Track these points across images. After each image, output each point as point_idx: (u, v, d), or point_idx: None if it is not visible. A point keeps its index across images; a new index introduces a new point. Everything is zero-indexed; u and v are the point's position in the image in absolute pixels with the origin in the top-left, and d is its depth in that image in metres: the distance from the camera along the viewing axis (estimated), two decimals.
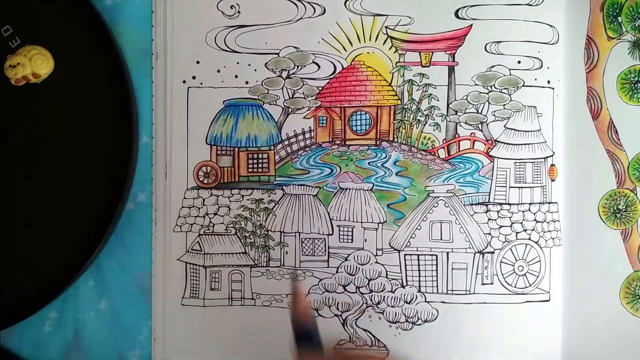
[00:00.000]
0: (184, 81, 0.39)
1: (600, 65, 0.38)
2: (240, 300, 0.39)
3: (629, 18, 0.38)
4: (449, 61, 0.39)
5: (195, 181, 0.39)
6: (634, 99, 0.38)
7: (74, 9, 0.37)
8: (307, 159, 0.39)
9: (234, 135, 0.39)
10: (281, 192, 0.39)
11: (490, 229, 0.39)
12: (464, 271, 0.38)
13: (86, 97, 0.38)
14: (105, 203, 0.38)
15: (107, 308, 0.39)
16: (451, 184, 0.39)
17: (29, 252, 0.38)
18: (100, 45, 0.38)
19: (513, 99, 0.39)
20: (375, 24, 0.39)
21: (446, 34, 0.38)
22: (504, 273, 0.39)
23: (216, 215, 0.39)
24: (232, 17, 0.39)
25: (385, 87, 0.39)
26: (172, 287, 0.39)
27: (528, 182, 0.39)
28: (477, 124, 0.39)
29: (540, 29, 0.39)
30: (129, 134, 0.38)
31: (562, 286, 0.39)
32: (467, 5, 0.38)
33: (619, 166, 0.38)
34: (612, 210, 0.38)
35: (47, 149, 0.38)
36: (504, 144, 0.39)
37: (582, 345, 0.38)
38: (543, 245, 0.39)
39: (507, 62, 0.39)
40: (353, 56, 0.39)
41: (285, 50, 0.39)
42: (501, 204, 0.39)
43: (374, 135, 0.39)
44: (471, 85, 0.39)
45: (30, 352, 0.39)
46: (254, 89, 0.39)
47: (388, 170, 0.39)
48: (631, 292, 0.38)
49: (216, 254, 0.39)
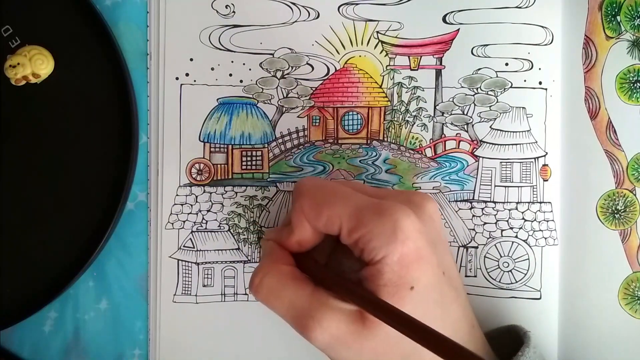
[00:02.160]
0: (176, 78, 0.39)
1: (599, 64, 0.38)
2: (233, 296, 0.39)
3: (628, 17, 0.38)
4: (436, 65, 0.40)
5: (188, 178, 0.39)
6: (632, 99, 0.38)
7: (74, 9, 0.38)
8: (301, 156, 0.40)
9: (228, 133, 0.39)
10: (275, 189, 0.39)
11: (475, 225, 0.39)
12: None
13: (86, 97, 0.38)
14: (105, 203, 0.38)
15: (107, 308, 0.39)
16: (437, 181, 0.40)
17: (29, 252, 0.38)
18: (100, 45, 0.38)
19: (500, 101, 0.39)
20: (367, 28, 0.40)
21: (434, 38, 0.39)
22: (488, 268, 0.39)
23: (209, 212, 0.39)
24: (226, 16, 0.39)
25: (376, 89, 0.40)
26: (164, 285, 0.39)
27: (515, 182, 0.39)
28: (462, 124, 0.40)
29: (530, 31, 0.39)
30: (129, 134, 0.38)
31: (558, 286, 0.39)
32: (455, 10, 0.39)
33: (618, 166, 0.38)
34: (610, 210, 0.38)
35: (47, 149, 0.38)
36: (489, 144, 0.40)
37: (580, 346, 0.38)
38: (533, 244, 0.39)
39: (494, 65, 0.39)
40: (346, 59, 0.40)
41: (280, 51, 0.39)
42: (486, 201, 0.39)
43: (365, 135, 0.40)
44: (457, 88, 0.39)
45: (30, 352, 0.39)
46: (248, 88, 0.39)
47: (378, 167, 0.40)
48: (630, 293, 0.38)
49: (209, 251, 0.39)
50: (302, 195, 0.30)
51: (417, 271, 0.27)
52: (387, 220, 0.27)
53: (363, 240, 0.28)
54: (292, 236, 0.31)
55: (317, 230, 0.30)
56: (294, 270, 0.31)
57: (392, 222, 0.27)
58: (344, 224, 0.29)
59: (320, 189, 0.30)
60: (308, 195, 0.30)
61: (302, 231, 0.30)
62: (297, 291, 0.29)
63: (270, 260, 0.31)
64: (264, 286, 0.30)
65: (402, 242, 0.27)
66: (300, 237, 0.31)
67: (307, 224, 0.30)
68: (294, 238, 0.31)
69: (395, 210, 0.28)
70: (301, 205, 0.30)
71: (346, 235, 0.29)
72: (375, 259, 0.28)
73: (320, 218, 0.29)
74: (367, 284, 0.28)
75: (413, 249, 0.27)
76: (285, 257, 0.31)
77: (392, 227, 0.27)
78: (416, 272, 0.27)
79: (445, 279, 0.30)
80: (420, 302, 0.28)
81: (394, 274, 0.27)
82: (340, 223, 0.29)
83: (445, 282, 0.29)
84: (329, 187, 0.31)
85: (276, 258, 0.31)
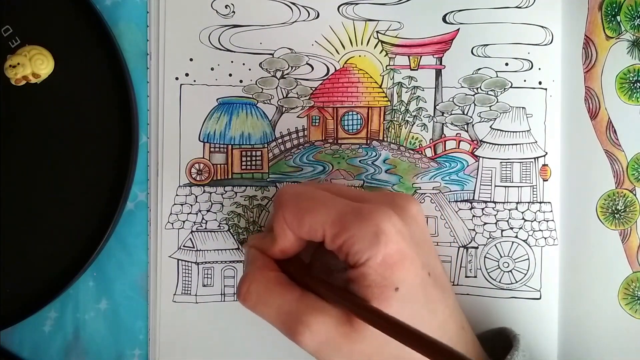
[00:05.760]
0: (176, 78, 0.39)
1: (599, 64, 0.38)
2: (233, 296, 0.39)
3: (628, 17, 0.38)
4: (436, 64, 0.40)
5: (188, 178, 0.39)
6: (632, 99, 0.38)
7: (74, 9, 0.38)
8: (301, 156, 0.40)
9: (228, 133, 0.39)
10: (275, 189, 0.39)
11: (475, 225, 0.39)
12: (448, 264, 0.39)
13: (86, 97, 0.38)
14: (105, 203, 0.38)
15: (107, 308, 0.39)
16: (437, 181, 0.40)
17: (29, 252, 0.38)
18: (100, 45, 0.38)
19: (500, 101, 0.39)
20: (367, 28, 0.40)
21: (434, 38, 0.39)
22: (488, 268, 0.39)
23: (209, 212, 0.39)
24: (226, 16, 0.39)
25: (376, 89, 0.40)
26: (164, 285, 0.39)
27: (515, 182, 0.39)
28: (462, 124, 0.40)
29: (530, 31, 0.39)
30: (129, 134, 0.38)
31: (558, 286, 0.39)
32: (454, 10, 0.39)
33: (618, 166, 0.38)
34: (610, 210, 0.38)
35: (47, 149, 0.38)
36: (489, 144, 0.39)
37: (579, 346, 0.38)
38: (533, 244, 0.39)
39: (494, 65, 0.39)
40: (345, 59, 0.40)
41: (280, 51, 0.39)
42: (486, 201, 0.39)
43: (364, 135, 0.40)
44: (457, 88, 0.39)
45: (30, 352, 0.39)
46: (248, 88, 0.39)
47: (378, 168, 0.40)
48: (630, 293, 0.38)
49: (209, 251, 0.39)
50: (283, 204, 0.30)
51: (401, 272, 0.27)
52: (369, 223, 0.27)
53: (346, 245, 0.28)
54: (275, 245, 0.31)
55: (301, 238, 0.30)
56: (280, 275, 0.31)
57: (374, 225, 0.27)
58: (327, 231, 0.29)
59: (302, 197, 0.30)
60: (289, 204, 0.30)
61: (285, 240, 0.30)
62: (285, 296, 0.29)
63: (255, 267, 0.31)
64: (251, 293, 0.30)
65: (385, 244, 0.27)
66: (284, 246, 0.31)
67: (290, 232, 0.30)
68: (277, 247, 0.31)
69: (377, 214, 0.28)
70: (283, 215, 0.30)
71: (330, 242, 0.29)
72: (359, 262, 0.28)
73: (302, 227, 0.29)
74: (352, 287, 0.28)
75: (396, 250, 0.27)
76: (270, 262, 0.31)
77: (375, 230, 0.27)
78: (400, 273, 0.27)
79: (431, 280, 0.30)
80: (406, 303, 0.28)
81: (378, 275, 0.27)
82: (323, 230, 0.29)
83: (430, 283, 0.29)
84: (309, 195, 0.30)
85: (261, 265, 0.31)
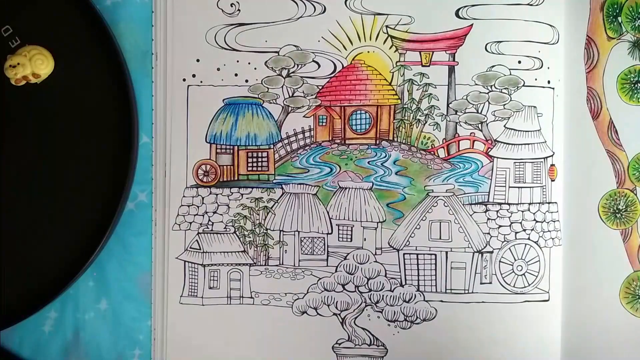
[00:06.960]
0: (183, 79, 0.39)
1: (600, 65, 0.39)
2: (239, 299, 0.39)
3: (629, 18, 0.38)
4: (449, 61, 0.39)
5: (195, 180, 0.39)
6: (633, 99, 0.38)
7: (73, 9, 0.37)
8: (307, 157, 0.39)
9: (234, 134, 0.39)
10: (280, 191, 0.39)
11: (490, 228, 0.39)
12: (462, 270, 0.39)
13: (86, 97, 0.38)
14: (105, 203, 0.38)
15: (107, 308, 0.39)
16: (450, 183, 0.39)
17: (29, 252, 0.38)
18: (100, 45, 0.37)
19: (513, 99, 0.39)
20: (376, 23, 0.39)
21: (447, 33, 0.38)
22: (503, 273, 0.39)
23: (215, 214, 0.39)
24: (232, 15, 0.39)
25: (385, 86, 0.39)
26: (170, 286, 0.39)
27: (528, 182, 0.39)
28: (477, 123, 0.39)
29: (540, 29, 0.39)
30: (129, 134, 0.38)
31: (561, 286, 0.39)
32: (467, 4, 0.38)
33: (619, 166, 0.39)
34: (612, 210, 0.39)
35: (47, 149, 0.38)
36: (503, 144, 0.39)
37: (582, 346, 0.38)
38: (542, 245, 0.39)
39: (508, 62, 0.38)
40: (353, 55, 0.39)
41: (286, 48, 0.39)
42: (500, 203, 0.39)
43: (373, 135, 0.39)
44: (471, 85, 0.39)
45: (30, 352, 0.39)
46: (254, 88, 0.39)
47: (387, 169, 0.39)
48: (631, 292, 0.38)
49: (215, 253, 0.39)
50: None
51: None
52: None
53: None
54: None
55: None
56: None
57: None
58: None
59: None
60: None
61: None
62: None
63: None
64: None
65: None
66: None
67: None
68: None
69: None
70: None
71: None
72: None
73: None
74: None
75: None
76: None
77: None
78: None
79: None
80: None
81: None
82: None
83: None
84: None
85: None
